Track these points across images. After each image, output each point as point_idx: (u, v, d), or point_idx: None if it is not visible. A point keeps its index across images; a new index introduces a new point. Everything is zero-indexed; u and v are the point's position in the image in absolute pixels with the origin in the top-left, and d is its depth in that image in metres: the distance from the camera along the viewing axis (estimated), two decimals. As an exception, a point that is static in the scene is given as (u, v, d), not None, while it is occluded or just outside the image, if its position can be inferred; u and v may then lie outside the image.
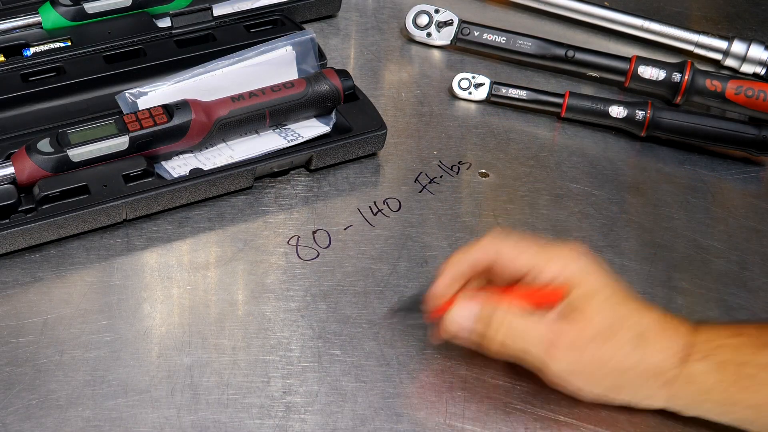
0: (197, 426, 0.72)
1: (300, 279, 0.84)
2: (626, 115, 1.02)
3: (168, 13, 1.02)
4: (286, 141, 0.93)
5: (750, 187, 1.00)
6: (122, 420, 0.72)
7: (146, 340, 0.78)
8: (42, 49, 0.98)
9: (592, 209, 0.95)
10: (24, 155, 0.83)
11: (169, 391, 0.74)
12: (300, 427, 0.73)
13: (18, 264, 0.82)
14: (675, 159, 1.02)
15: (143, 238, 0.86)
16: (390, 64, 1.10)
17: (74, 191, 0.84)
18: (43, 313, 0.78)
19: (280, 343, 0.78)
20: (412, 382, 0.76)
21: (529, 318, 0.71)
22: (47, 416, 0.71)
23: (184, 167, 0.89)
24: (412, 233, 0.89)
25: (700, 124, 1.01)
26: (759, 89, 1.04)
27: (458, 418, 0.74)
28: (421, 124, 1.02)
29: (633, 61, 1.07)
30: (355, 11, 1.17)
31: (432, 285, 0.75)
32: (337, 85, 0.94)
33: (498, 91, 1.05)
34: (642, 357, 0.70)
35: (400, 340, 0.79)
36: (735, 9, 1.28)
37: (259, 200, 0.91)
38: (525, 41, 1.10)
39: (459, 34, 1.11)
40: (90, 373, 0.74)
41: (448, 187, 0.95)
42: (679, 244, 0.92)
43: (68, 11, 1.00)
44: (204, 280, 0.83)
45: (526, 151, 1.01)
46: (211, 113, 0.89)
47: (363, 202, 0.92)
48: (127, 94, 0.91)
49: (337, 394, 0.75)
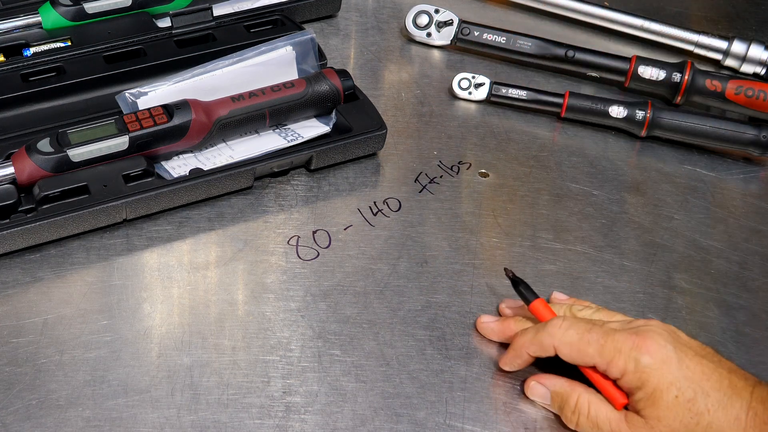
0: (197, 426, 0.72)
1: (300, 279, 0.84)
2: (626, 115, 1.02)
3: (168, 13, 1.02)
4: (286, 141, 0.93)
5: (750, 187, 1.00)
6: (122, 420, 0.72)
7: (146, 340, 0.78)
8: (42, 49, 0.98)
9: (592, 209, 0.95)
10: (24, 155, 0.83)
11: (169, 391, 0.74)
12: (300, 427, 0.73)
13: (18, 264, 0.82)
14: (675, 159, 1.02)
15: (143, 238, 0.86)
16: (390, 64, 1.10)
17: (74, 191, 0.83)
18: (43, 313, 0.78)
19: (280, 343, 0.78)
20: (412, 382, 0.76)
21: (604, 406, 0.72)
22: (47, 416, 0.71)
23: (184, 167, 0.89)
24: (412, 233, 0.89)
25: (700, 124, 1.01)
26: (759, 89, 1.04)
27: (458, 418, 0.74)
28: (421, 124, 1.02)
29: (633, 61, 1.07)
30: (355, 11, 1.17)
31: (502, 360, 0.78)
32: (337, 85, 0.94)
33: (498, 91, 1.05)
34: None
35: (400, 340, 0.79)
36: (735, 9, 1.28)
37: (259, 200, 0.91)
38: (525, 41, 1.10)
39: (459, 34, 1.11)
40: (90, 373, 0.74)
41: (448, 187, 0.95)
42: (679, 244, 0.92)
43: (68, 11, 1.00)
44: (204, 280, 0.83)
45: (526, 151, 1.01)
46: (211, 113, 0.89)
47: (363, 202, 0.92)
48: (127, 94, 0.91)
49: (337, 394, 0.75)
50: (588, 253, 0.90)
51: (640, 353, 0.70)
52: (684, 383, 0.69)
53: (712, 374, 0.70)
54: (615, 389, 0.72)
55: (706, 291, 0.88)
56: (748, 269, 0.90)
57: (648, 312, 0.84)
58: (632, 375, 0.70)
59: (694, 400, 0.69)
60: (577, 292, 0.85)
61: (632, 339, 0.70)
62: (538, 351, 0.74)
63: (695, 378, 0.69)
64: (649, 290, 0.87)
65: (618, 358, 0.70)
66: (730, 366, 0.71)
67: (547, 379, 0.75)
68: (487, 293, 0.84)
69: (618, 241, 0.91)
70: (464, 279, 0.85)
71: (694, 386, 0.69)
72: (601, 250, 0.90)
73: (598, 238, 0.91)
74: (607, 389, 0.72)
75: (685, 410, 0.68)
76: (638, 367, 0.69)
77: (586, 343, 0.72)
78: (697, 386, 0.69)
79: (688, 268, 0.90)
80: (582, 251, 0.90)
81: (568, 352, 0.72)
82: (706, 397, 0.69)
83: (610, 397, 0.72)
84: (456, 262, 0.87)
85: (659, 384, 0.69)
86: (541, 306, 0.77)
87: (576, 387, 0.73)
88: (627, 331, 0.71)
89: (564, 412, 0.74)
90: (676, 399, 0.69)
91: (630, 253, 0.90)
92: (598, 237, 0.92)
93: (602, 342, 0.71)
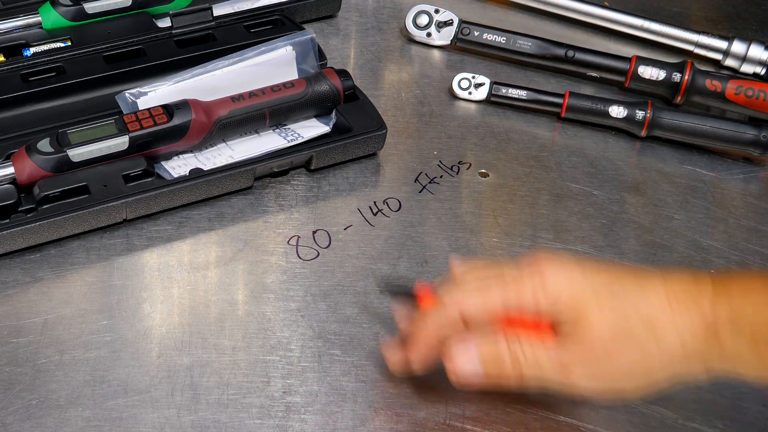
0: (197, 426, 0.72)
1: (300, 279, 0.84)
2: (626, 115, 1.02)
3: (168, 13, 1.02)
4: (286, 141, 0.93)
5: (750, 187, 1.00)
6: (122, 420, 0.72)
7: (146, 340, 0.78)
8: (42, 49, 0.98)
9: (592, 209, 0.95)
10: (24, 155, 0.83)
11: (169, 391, 0.74)
12: (300, 427, 0.73)
13: (18, 264, 0.82)
14: (675, 159, 1.02)
15: (143, 238, 0.86)
16: (390, 64, 1.10)
17: (74, 191, 0.83)
18: (43, 313, 0.78)
19: (280, 343, 0.78)
20: (412, 382, 0.76)
21: (539, 345, 0.67)
22: (47, 416, 0.71)
23: (184, 167, 0.89)
24: (412, 233, 0.89)
25: (700, 124, 1.01)
26: (759, 89, 1.04)
27: (458, 418, 0.74)
28: (421, 124, 1.02)
29: (633, 61, 1.07)
30: (355, 11, 1.17)
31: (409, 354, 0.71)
32: (337, 85, 0.94)
33: (498, 91, 1.05)
34: (660, 347, 0.65)
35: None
36: (735, 9, 1.28)
37: (259, 200, 0.91)
38: (525, 41, 1.10)
39: (459, 34, 1.11)
40: (90, 373, 0.74)
41: (448, 187, 0.95)
42: (679, 244, 0.92)
43: (68, 11, 1.00)
44: (204, 280, 0.83)
45: (526, 151, 1.01)
46: (211, 113, 0.89)
47: (363, 202, 0.92)
48: (127, 94, 0.91)
49: (337, 394, 0.75)
50: (588, 253, 0.90)
51: (543, 276, 0.66)
52: (599, 289, 0.66)
53: (617, 270, 0.67)
54: (541, 324, 0.67)
55: (706, 291, 0.88)
56: (748, 269, 0.90)
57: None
58: (545, 300, 0.66)
59: (616, 299, 0.65)
60: (577, 292, 0.85)
61: (529, 265, 0.67)
62: (444, 327, 0.68)
63: (606, 280, 0.66)
64: (649, 290, 0.87)
65: (524, 290, 0.66)
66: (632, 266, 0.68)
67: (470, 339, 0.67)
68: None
69: (618, 241, 0.91)
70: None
71: (609, 287, 0.66)
72: (601, 250, 0.90)
73: (598, 238, 0.91)
74: (533, 327, 0.67)
75: (613, 314, 0.65)
76: (547, 289, 0.66)
77: (486, 287, 0.67)
78: (612, 286, 0.66)
79: (688, 268, 0.90)
80: (582, 251, 0.90)
81: (473, 307, 0.67)
82: (626, 293, 0.66)
83: (541, 331, 0.67)
84: (456, 262, 0.87)
85: (576, 299, 0.66)
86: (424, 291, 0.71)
87: (501, 337, 0.67)
88: (521, 262, 0.68)
89: (502, 370, 0.67)
90: (601, 311, 0.65)
91: (630, 253, 0.90)
92: (598, 237, 0.92)
93: (502, 281, 0.67)
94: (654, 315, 0.65)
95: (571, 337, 0.66)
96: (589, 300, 0.66)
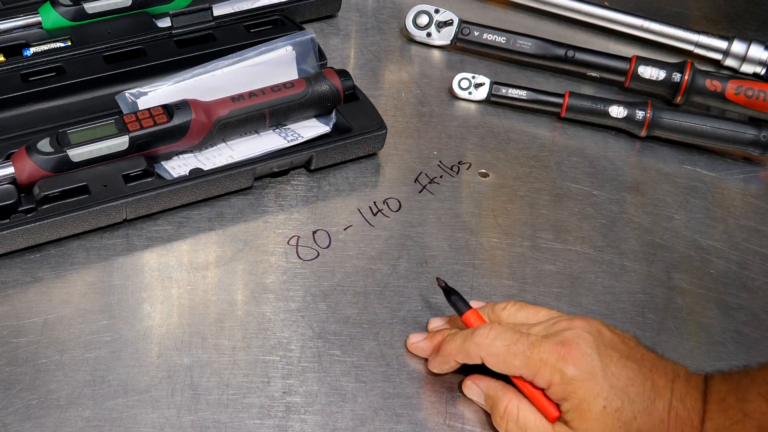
0: (197, 426, 0.72)
1: (300, 279, 0.84)
2: (626, 115, 1.02)
3: (168, 13, 1.02)
4: (286, 141, 0.93)
5: (750, 187, 1.00)
6: (122, 420, 0.72)
7: (146, 340, 0.78)
8: (42, 49, 0.98)
9: (592, 209, 0.95)
10: (24, 155, 0.83)
11: (169, 391, 0.74)
12: (300, 427, 0.73)
13: (18, 264, 0.82)
14: (675, 159, 1.02)
15: (143, 238, 0.86)
16: (390, 64, 1.10)
17: (74, 191, 0.84)
18: (43, 313, 0.78)
19: (280, 343, 0.78)
20: (412, 382, 0.76)
21: (534, 414, 0.71)
22: (47, 416, 0.71)
23: (184, 167, 0.89)
24: (412, 233, 0.89)
25: (700, 124, 1.01)
26: (759, 89, 1.04)
27: (458, 418, 0.74)
28: (421, 124, 1.02)
29: (633, 61, 1.07)
30: (355, 11, 1.17)
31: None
32: (337, 85, 0.94)
33: (498, 91, 1.05)
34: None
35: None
36: (735, 9, 1.28)
37: (259, 200, 0.91)
38: (525, 41, 1.10)
39: (459, 34, 1.11)
40: (90, 373, 0.74)
41: (448, 187, 0.95)
42: (679, 244, 0.92)
43: (68, 11, 1.00)
44: (204, 280, 0.83)
45: (526, 151, 1.01)
46: (211, 113, 0.89)
47: (363, 202, 0.92)
48: (127, 94, 0.91)
49: (337, 394, 0.75)
50: (588, 253, 0.90)
51: (565, 365, 0.69)
52: (610, 393, 0.69)
53: (636, 378, 0.70)
54: (547, 401, 0.71)
55: (706, 291, 0.88)
56: (748, 269, 0.90)
57: (648, 312, 0.84)
58: (558, 387, 0.69)
59: (621, 409, 0.69)
60: (577, 292, 0.85)
61: (557, 350, 0.70)
62: (465, 359, 0.73)
63: (620, 386, 0.69)
64: (649, 290, 0.87)
65: (544, 370, 0.70)
66: (653, 361, 0.71)
67: (482, 380, 0.74)
68: (488, 293, 0.84)
69: (618, 241, 0.91)
70: (464, 279, 0.85)
71: (620, 395, 0.69)
72: (601, 250, 0.90)
73: (598, 238, 0.91)
74: (539, 401, 0.71)
75: (614, 420, 0.68)
76: (564, 378, 0.69)
77: (512, 354, 0.71)
78: (623, 394, 0.69)
79: (688, 268, 0.90)
80: (582, 251, 0.90)
81: (494, 362, 0.72)
82: (632, 404, 0.69)
83: (543, 409, 0.71)
84: (456, 263, 0.87)
85: (586, 395, 0.69)
86: (473, 317, 0.76)
87: (508, 392, 0.73)
88: (552, 342, 0.70)
89: (494, 415, 0.73)
90: (604, 410, 0.68)
91: (630, 253, 0.90)
92: (598, 237, 0.92)
93: (528, 354, 0.70)
94: (648, 429, 0.69)
95: (569, 422, 0.70)
96: (597, 401, 0.69)
